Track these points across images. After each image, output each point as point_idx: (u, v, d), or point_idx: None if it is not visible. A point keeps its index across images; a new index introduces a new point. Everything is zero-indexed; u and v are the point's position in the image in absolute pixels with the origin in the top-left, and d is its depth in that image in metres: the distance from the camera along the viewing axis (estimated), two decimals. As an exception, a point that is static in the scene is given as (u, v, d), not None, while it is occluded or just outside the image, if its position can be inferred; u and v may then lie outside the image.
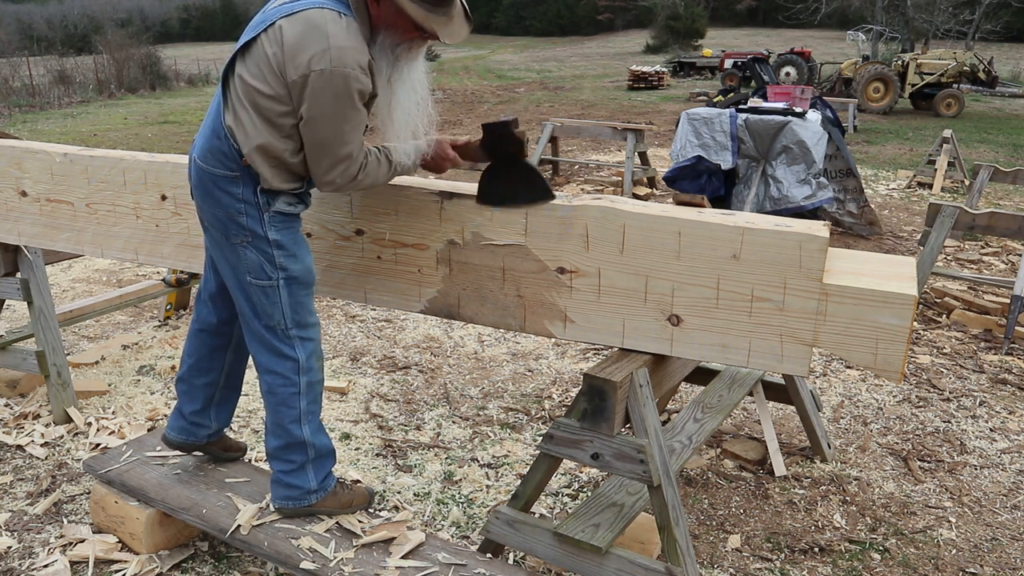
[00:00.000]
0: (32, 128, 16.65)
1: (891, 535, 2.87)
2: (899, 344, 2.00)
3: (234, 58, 2.14)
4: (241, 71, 2.11)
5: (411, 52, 2.18)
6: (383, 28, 2.12)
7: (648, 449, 2.16)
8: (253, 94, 2.09)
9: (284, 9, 2.07)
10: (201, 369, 2.59)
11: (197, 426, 2.65)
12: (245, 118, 2.11)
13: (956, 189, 9.38)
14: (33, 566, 2.62)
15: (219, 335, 2.56)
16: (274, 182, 2.17)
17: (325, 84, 2.01)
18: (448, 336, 4.74)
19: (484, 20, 71.47)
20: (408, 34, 2.13)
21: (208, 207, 2.24)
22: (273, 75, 2.05)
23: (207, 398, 2.62)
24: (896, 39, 28.21)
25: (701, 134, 7.20)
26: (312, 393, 2.38)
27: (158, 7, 70.04)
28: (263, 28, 2.08)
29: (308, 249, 2.36)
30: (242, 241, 2.22)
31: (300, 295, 2.31)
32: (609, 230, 2.20)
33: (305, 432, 2.38)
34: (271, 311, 2.28)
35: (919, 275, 4.28)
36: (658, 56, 37.95)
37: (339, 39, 2.01)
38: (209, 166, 2.19)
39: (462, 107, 19.96)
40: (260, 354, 2.35)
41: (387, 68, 2.15)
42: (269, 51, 2.05)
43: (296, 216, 2.31)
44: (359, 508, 2.52)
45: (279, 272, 2.25)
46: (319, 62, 2.00)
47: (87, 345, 4.58)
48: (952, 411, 3.84)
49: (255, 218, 2.20)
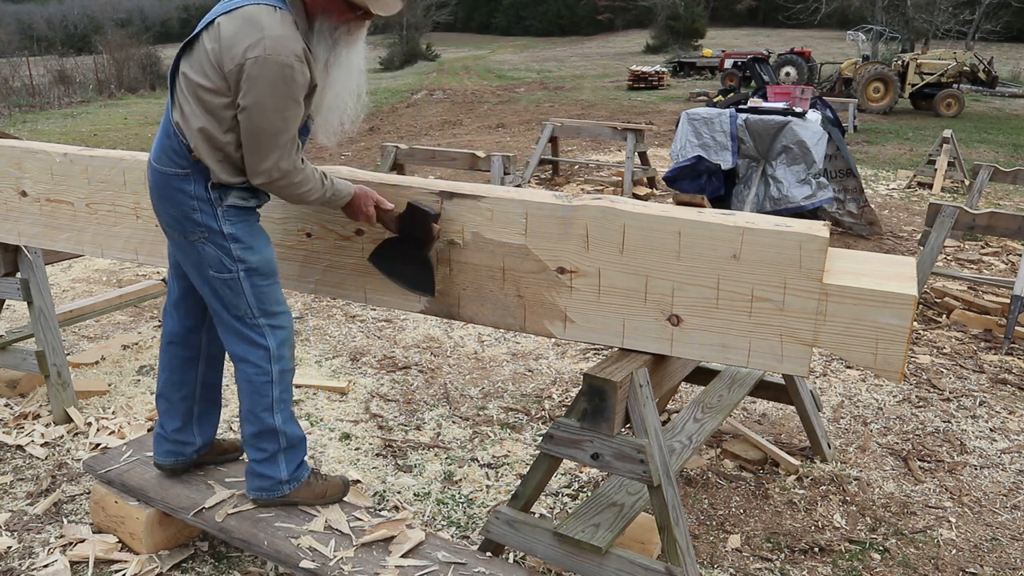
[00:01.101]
0: (32, 128, 16.66)
1: (891, 535, 2.87)
2: (899, 344, 2.00)
3: (179, 57, 2.23)
4: (185, 68, 2.20)
5: (350, 35, 2.26)
6: (319, 14, 2.20)
7: (648, 449, 2.16)
8: (196, 88, 2.16)
9: (223, 7, 2.17)
10: (175, 383, 2.61)
11: (182, 444, 2.66)
12: (189, 112, 2.19)
13: (956, 189, 9.38)
14: (33, 566, 2.62)
15: (188, 346, 2.59)
16: (222, 175, 2.23)
17: (260, 71, 2.08)
18: (448, 336, 4.74)
19: (484, 20, 71.50)
20: (344, 15, 2.20)
21: (164, 208, 2.31)
22: (212, 69, 2.13)
23: (186, 413, 2.64)
24: (896, 39, 28.20)
25: (701, 134, 7.20)
26: (284, 382, 2.43)
27: (158, 7, 70.00)
28: (204, 26, 2.17)
29: (267, 240, 2.40)
30: (199, 237, 2.28)
31: (262, 285, 2.36)
32: (609, 230, 2.20)
33: (277, 420, 2.42)
34: (236, 302, 2.34)
35: (919, 275, 4.28)
36: (658, 56, 37.93)
37: (273, 29, 2.08)
38: (163, 166, 2.26)
39: (462, 107, 19.96)
40: (232, 344, 2.40)
41: (324, 52, 2.22)
42: (208, 47, 2.13)
43: (251, 209, 2.36)
44: (334, 498, 2.55)
45: (238, 264, 2.30)
46: (253, 50, 2.07)
47: (87, 345, 4.58)
48: (952, 411, 3.84)
49: (209, 214, 2.26)
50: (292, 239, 2.67)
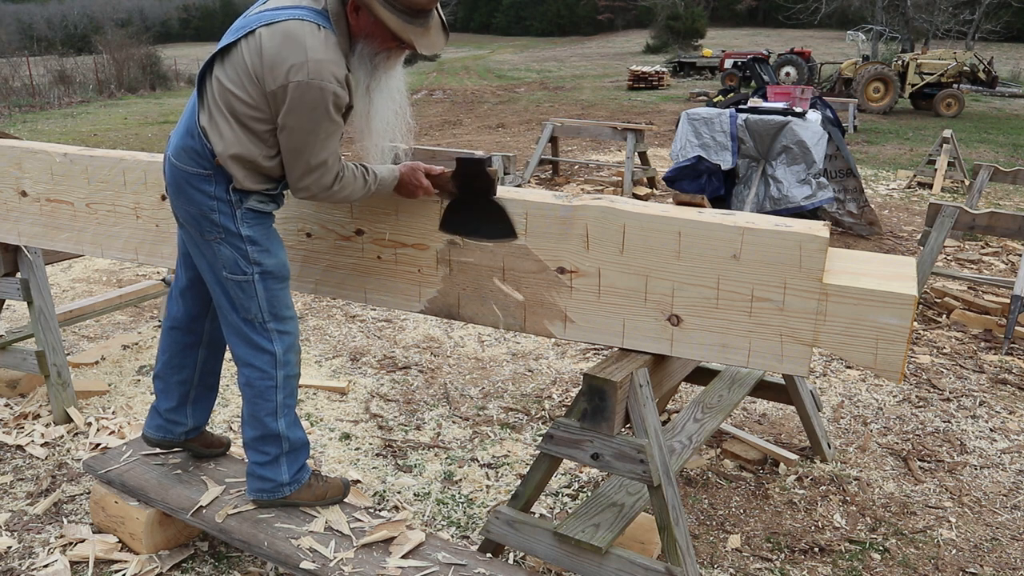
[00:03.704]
0: (32, 128, 16.65)
1: (891, 535, 2.87)
2: (899, 344, 2.00)
3: (212, 60, 2.19)
4: (219, 74, 2.16)
5: (389, 61, 2.23)
6: (362, 38, 2.16)
7: (648, 449, 2.16)
8: (230, 98, 2.13)
9: (265, 17, 2.11)
10: (174, 366, 2.62)
11: (174, 423, 2.68)
12: (221, 122, 2.16)
13: (956, 189, 9.38)
14: (33, 566, 2.62)
15: (190, 332, 2.59)
16: (246, 183, 2.22)
17: (303, 95, 2.05)
18: (448, 336, 4.74)
19: (484, 20, 71.49)
20: (386, 44, 2.17)
21: (182, 204, 2.29)
22: (251, 82, 2.10)
23: (182, 396, 2.65)
24: (896, 39, 28.20)
25: (701, 134, 7.20)
26: (288, 387, 2.42)
27: (158, 7, 70.00)
28: (243, 34, 2.12)
29: (282, 244, 2.40)
30: (216, 238, 2.26)
31: (275, 289, 2.35)
32: (609, 230, 2.20)
33: (280, 425, 2.42)
34: (248, 304, 2.32)
35: (919, 275, 4.28)
36: (658, 56, 37.93)
37: (317, 52, 2.05)
38: (183, 164, 2.24)
39: (462, 107, 19.96)
40: (238, 347, 2.39)
41: (365, 77, 2.20)
42: (248, 58, 2.09)
43: (269, 214, 2.35)
44: (334, 500, 2.55)
45: (253, 267, 2.29)
46: (297, 74, 2.04)
47: (87, 345, 4.58)
48: (952, 411, 3.84)
49: (228, 215, 2.24)
50: (292, 239, 2.67)
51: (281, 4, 2.13)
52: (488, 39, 64.14)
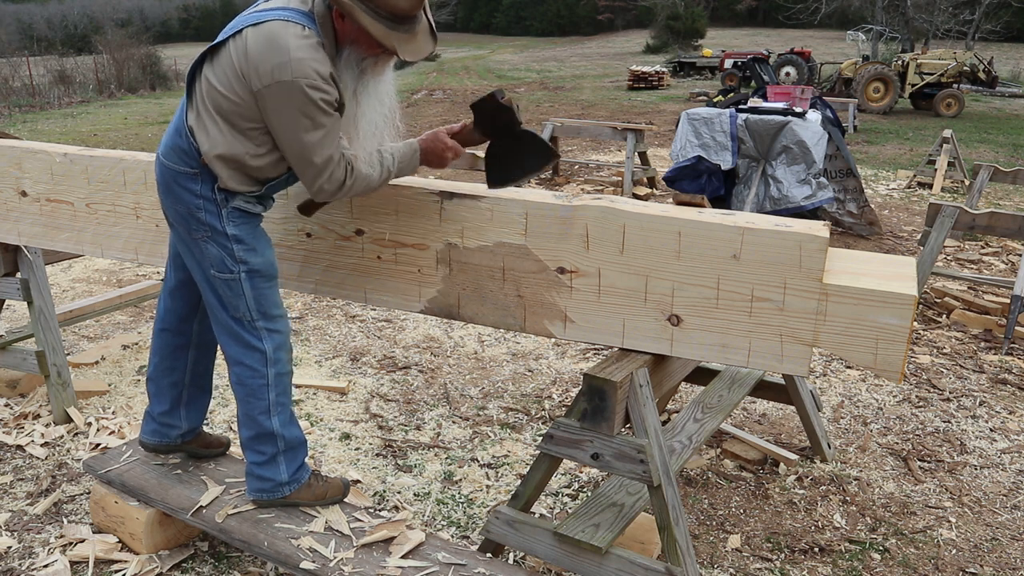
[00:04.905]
0: (32, 128, 16.65)
1: (891, 535, 2.87)
2: (899, 344, 2.00)
3: (202, 59, 2.19)
4: (208, 74, 2.16)
5: (377, 67, 2.21)
6: (348, 43, 2.15)
7: (648, 449, 2.16)
8: (218, 98, 2.14)
9: (252, 18, 2.12)
10: (165, 368, 2.63)
11: (168, 427, 2.68)
12: (208, 121, 2.16)
13: (956, 189, 9.38)
14: (33, 566, 2.62)
15: (179, 333, 2.59)
16: (230, 183, 2.22)
17: (289, 95, 2.05)
18: (448, 336, 4.74)
19: (484, 20, 71.49)
20: (372, 50, 2.15)
21: (170, 203, 2.31)
22: (238, 81, 2.10)
23: (175, 398, 2.65)
24: (896, 39, 28.20)
25: (701, 134, 7.20)
26: (281, 385, 2.42)
27: (158, 7, 70.00)
28: (231, 34, 2.12)
29: (269, 243, 2.40)
30: (203, 236, 2.27)
31: (263, 287, 2.36)
32: (609, 230, 2.20)
33: (274, 423, 2.42)
34: (236, 303, 2.33)
35: (919, 275, 4.28)
36: (658, 56, 37.91)
37: (300, 51, 2.04)
38: (171, 163, 2.25)
39: (462, 107, 19.96)
40: (228, 346, 2.39)
41: (352, 82, 2.18)
42: (235, 58, 2.10)
43: (256, 214, 2.35)
44: (334, 500, 2.55)
45: (240, 265, 2.29)
46: (280, 73, 2.03)
47: (87, 345, 4.58)
48: (952, 411, 3.84)
49: (214, 214, 2.25)
50: (292, 239, 2.67)
51: (270, 5, 2.14)
52: (488, 39, 64.14)
